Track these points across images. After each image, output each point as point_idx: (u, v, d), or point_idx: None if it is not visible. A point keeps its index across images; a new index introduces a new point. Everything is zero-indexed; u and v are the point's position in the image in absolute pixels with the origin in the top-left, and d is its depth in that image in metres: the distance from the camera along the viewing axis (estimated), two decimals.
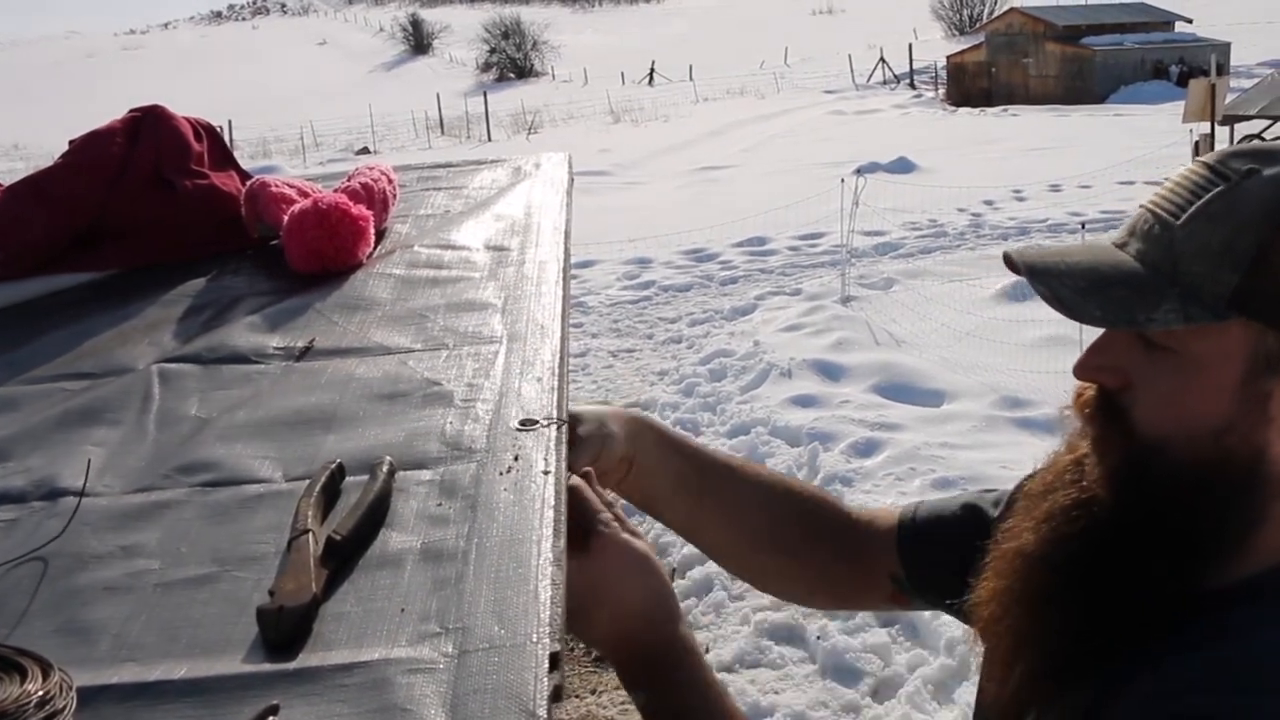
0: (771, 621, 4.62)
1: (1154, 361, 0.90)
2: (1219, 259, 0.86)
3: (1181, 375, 0.89)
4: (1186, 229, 0.88)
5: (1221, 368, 0.88)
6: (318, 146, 40.08)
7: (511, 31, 75.21)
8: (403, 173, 2.84)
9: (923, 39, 60.15)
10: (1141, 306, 0.87)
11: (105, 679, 1.06)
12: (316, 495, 1.31)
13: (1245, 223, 0.86)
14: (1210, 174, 0.90)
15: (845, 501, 1.38)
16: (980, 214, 14.66)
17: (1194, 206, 0.89)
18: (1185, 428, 0.89)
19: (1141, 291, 0.88)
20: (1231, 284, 0.86)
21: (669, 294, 11.55)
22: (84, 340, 1.94)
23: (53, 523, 1.34)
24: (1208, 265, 0.87)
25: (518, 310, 1.94)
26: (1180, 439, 0.89)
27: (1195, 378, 0.88)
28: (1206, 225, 0.88)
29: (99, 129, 2.57)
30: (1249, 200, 0.87)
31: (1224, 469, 0.88)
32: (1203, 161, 0.92)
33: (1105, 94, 38.52)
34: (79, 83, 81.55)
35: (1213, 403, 0.88)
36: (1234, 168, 0.89)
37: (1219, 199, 0.88)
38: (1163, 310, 0.86)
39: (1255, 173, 0.88)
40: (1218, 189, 0.88)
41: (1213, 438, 0.88)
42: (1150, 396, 0.91)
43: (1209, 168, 0.91)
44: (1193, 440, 0.89)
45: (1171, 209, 0.90)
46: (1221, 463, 0.88)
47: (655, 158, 25.60)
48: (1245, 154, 0.90)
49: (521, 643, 1.03)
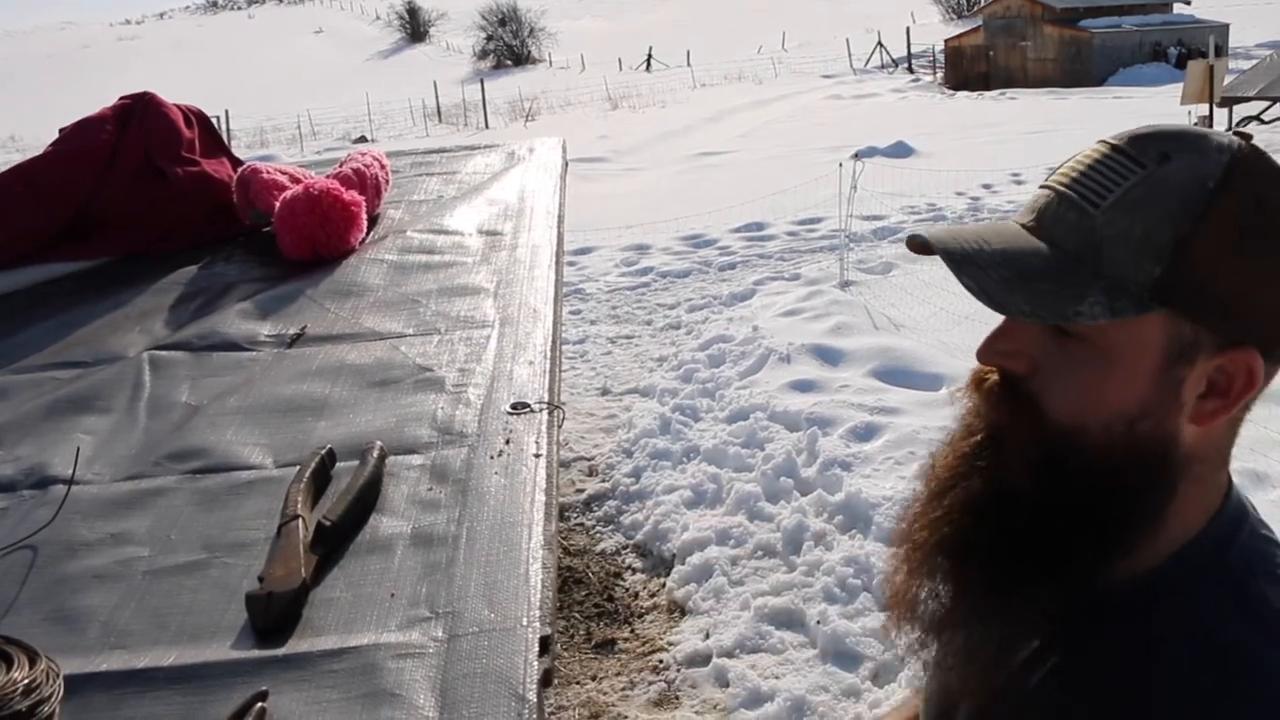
0: (772, 606, 4.61)
1: (1064, 348, 0.89)
2: (1140, 249, 0.85)
3: (1098, 364, 0.88)
4: (1107, 217, 0.86)
5: (1139, 357, 0.88)
6: (315, 135, 39.98)
7: (508, 18, 74.96)
8: (396, 158, 2.83)
9: (920, 23, 59.98)
10: (1067, 300, 0.85)
11: (94, 666, 1.05)
12: (307, 481, 1.30)
13: (1165, 213, 0.85)
14: (1123, 158, 0.88)
15: None
16: (979, 197, 14.60)
17: (1114, 194, 0.87)
18: (1100, 415, 0.89)
19: (1064, 284, 0.86)
20: (1154, 275, 0.85)
21: (667, 280, 11.51)
22: (75, 329, 1.94)
23: (42, 511, 1.33)
24: (1130, 255, 0.86)
25: (510, 294, 1.93)
26: (1096, 427, 0.89)
27: (1112, 367, 0.88)
28: (1127, 214, 0.86)
29: (89, 117, 2.56)
30: (1167, 189, 0.86)
31: (1138, 455, 0.89)
32: (1110, 143, 0.90)
33: (1104, 76, 38.39)
34: (75, 74, 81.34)
35: (1129, 391, 0.88)
36: (1147, 152, 0.88)
37: (1139, 186, 0.86)
38: (1088, 303, 0.85)
39: (1167, 159, 0.87)
40: (1136, 176, 0.86)
41: (1127, 424, 0.89)
42: (1063, 384, 0.90)
43: (1120, 151, 0.89)
44: (1108, 427, 0.89)
45: (1086, 194, 0.88)
46: (1136, 449, 0.89)
47: (653, 144, 25.52)
48: (1154, 136, 0.89)
49: (511, 626, 1.03)
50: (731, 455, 6.17)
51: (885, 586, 1.04)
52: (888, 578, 1.04)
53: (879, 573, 4.66)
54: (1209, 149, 0.88)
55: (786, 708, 3.94)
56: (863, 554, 4.81)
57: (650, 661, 4.44)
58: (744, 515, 5.44)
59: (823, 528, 5.18)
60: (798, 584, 4.71)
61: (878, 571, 4.67)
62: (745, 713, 3.94)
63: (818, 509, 5.33)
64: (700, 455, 6.26)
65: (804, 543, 5.07)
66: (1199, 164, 0.87)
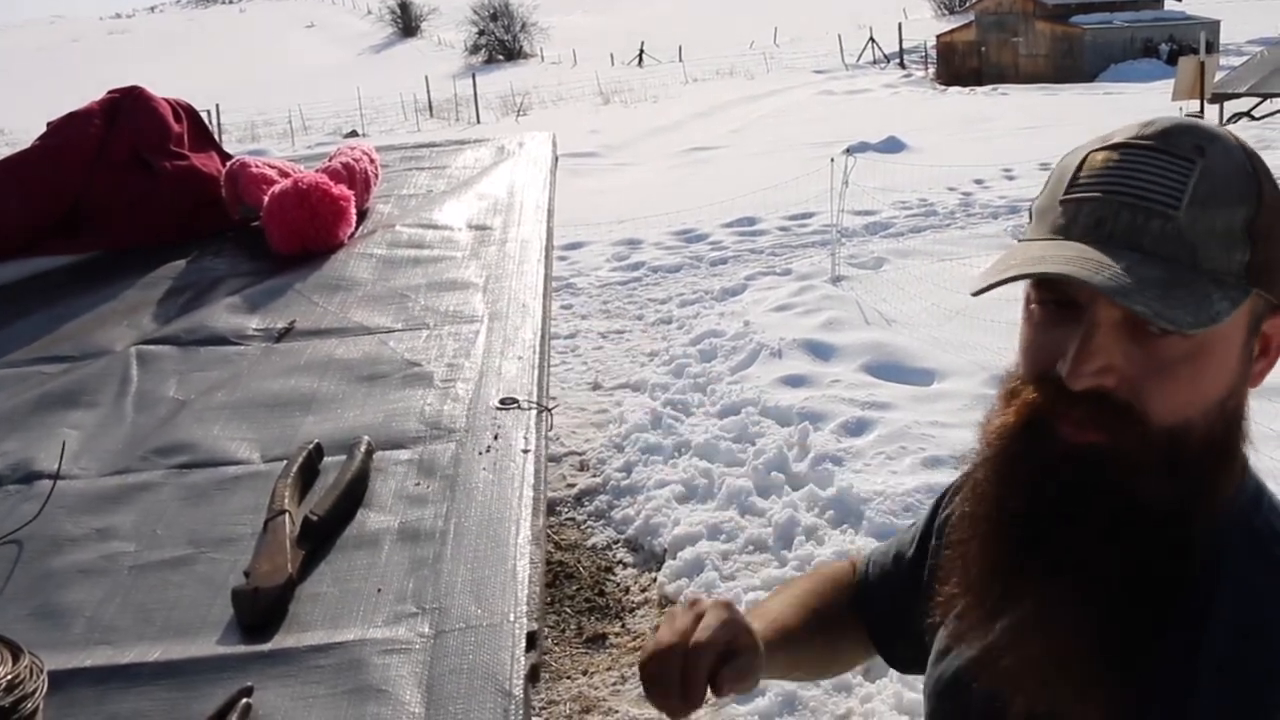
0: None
1: (1152, 352, 0.90)
2: (1227, 240, 0.89)
3: (1196, 359, 0.89)
4: (1189, 216, 0.88)
5: (1232, 342, 0.91)
6: (306, 130, 39.91)
7: (500, 13, 74.84)
8: (385, 153, 2.82)
9: (912, 18, 60.01)
10: (1203, 304, 0.86)
11: (78, 662, 1.05)
12: (294, 476, 1.30)
13: (1232, 201, 0.89)
14: (1167, 157, 0.90)
15: None
16: (970, 193, 14.62)
17: (1185, 194, 0.89)
18: (1202, 406, 0.91)
19: (1190, 288, 0.87)
20: (1244, 261, 0.89)
21: (659, 275, 11.52)
22: (62, 323, 1.93)
23: (28, 506, 1.33)
24: (1221, 249, 0.88)
25: (499, 289, 1.93)
26: (1198, 418, 0.91)
27: (1209, 358, 0.90)
28: (1203, 210, 0.88)
29: (76, 110, 2.55)
30: (1221, 179, 0.89)
31: (1230, 430, 0.94)
32: (1139, 145, 0.92)
33: (1095, 73, 38.45)
34: (64, 67, 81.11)
35: (1225, 376, 0.92)
36: (1183, 147, 0.91)
37: (1201, 182, 0.89)
38: (1215, 300, 0.87)
39: (1202, 152, 0.90)
40: (1193, 172, 0.89)
41: (1221, 406, 0.92)
42: (1163, 387, 0.90)
43: (1158, 150, 0.91)
44: (1208, 415, 0.91)
45: (1158, 198, 0.89)
46: (1229, 425, 0.94)
47: (645, 139, 25.52)
48: (1178, 131, 0.92)
49: (499, 622, 1.02)
50: (723, 450, 6.17)
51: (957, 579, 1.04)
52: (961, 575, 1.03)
53: None
54: (1218, 136, 0.93)
55: (778, 703, 3.94)
56: (854, 549, 4.82)
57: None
58: (735, 510, 5.45)
59: (814, 522, 5.18)
60: (789, 579, 4.72)
61: None
62: (737, 707, 3.95)
63: (809, 504, 5.34)
64: (691, 450, 6.27)
65: (795, 537, 5.08)
66: (1227, 151, 0.92)
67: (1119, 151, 0.92)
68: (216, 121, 30.49)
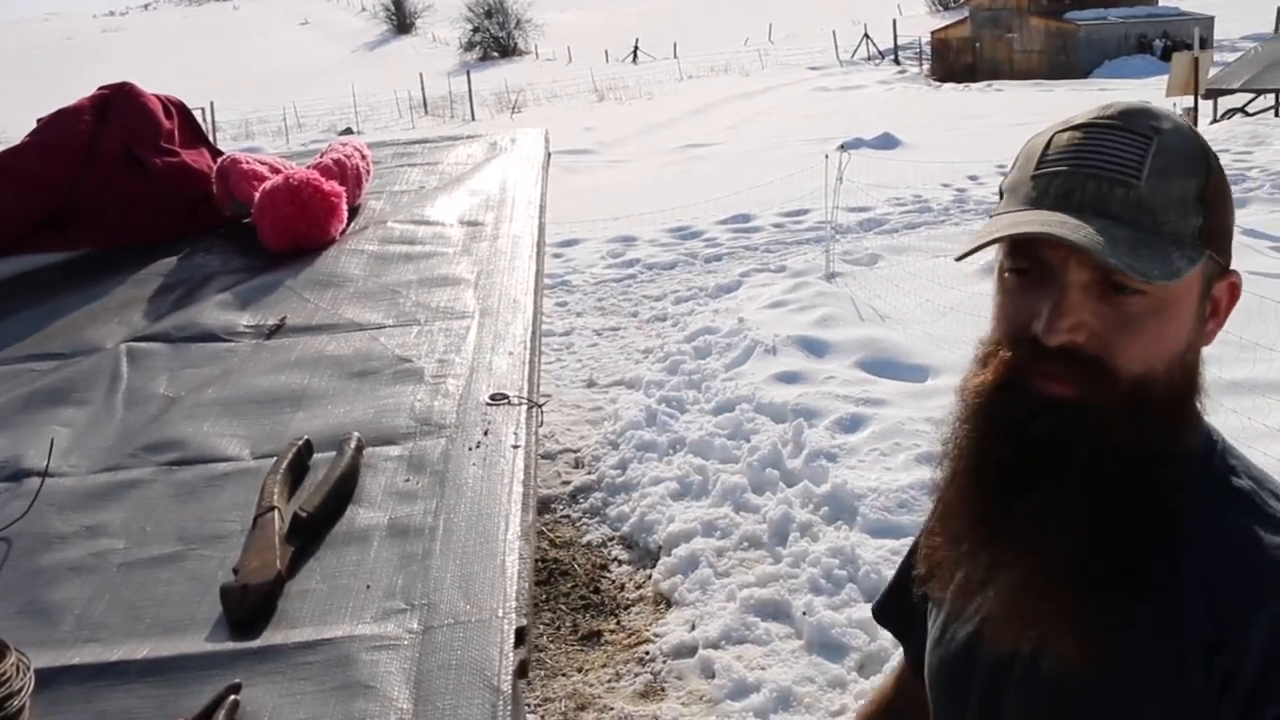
0: (758, 598, 4.62)
1: (1120, 308, 0.98)
2: (1182, 207, 0.99)
3: (1159, 314, 0.98)
4: (1150, 185, 0.98)
5: (1188, 299, 1.00)
6: (300, 127, 39.85)
7: (495, 10, 74.71)
8: (378, 149, 2.82)
9: (907, 14, 59.97)
10: (1167, 261, 0.96)
11: (66, 660, 1.05)
12: (283, 472, 1.29)
13: (1187, 172, 1.00)
14: (1128, 134, 1.00)
15: None
16: (965, 189, 14.63)
17: (1145, 166, 0.98)
18: (1164, 357, 1.00)
19: (1154, 247, 0.96)
20: (1198, 225, 1.00)
21: (654, 272, 11.51)
22: (53, 320, 1.92)
23: (17, 504, 1.32)
24: (1178, 214, 0.98)
25: (490, 285, 1.93)
26: (1160, 368, 1.00)
27: (1170, 313, 0.99)
28: (1162, 180, 0.98)
29: (66, 107, 2.54)
30: (1177, 153, 1.00)
31: (1190, 380, 1.04)
32: (1099, 124, 1.02)
33: (1089, 68, 38.49)
34: (58, 65, 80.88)
35: (1182, 330, 1.01)
36: (1141, 125, 1.01)
37: (1158, 156, 0.99)
38: (1175, 258, 0.96)
39: (1157, 129, 1.01)
40: (1151, 146, 0.99)
41: (1180, 359, 1.01)
42: (1128, 340, 0.98)
43: (1118, 129, 1.01)
44: (1169, 366, 1.00)
45: (1120, 169, 0.98)
46: (1188, 375, 1.03)
47: (639, 136, 25.51)
48: (1134, 113, 1.02)
49: (487, 618, 1.02)
50: (717, 447, 6.17)
51: (932, 552, 1.11)
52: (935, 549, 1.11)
53: (865, 564, 4.67)
54: (1169, 116, 1.04)
55: (773, 699, 3.94)
56: (848, 545, 4.81)
57: (636, 653, 4.44)
58: (730, 507, 5.45)
59: (808, 519, 5.18)
60: (784, 575, 4.72)
61: (863, 563, 4.67)
62: (731, 703, 3.95)
63: (803, 500, 5.34)
64: (686, 447, 6.27)
65: (790, 534, 5.08)
66: (1178, 129, 1.03)
67: (1082, 131, 1.02)
68: (211, 119, 30.43)
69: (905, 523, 4.96)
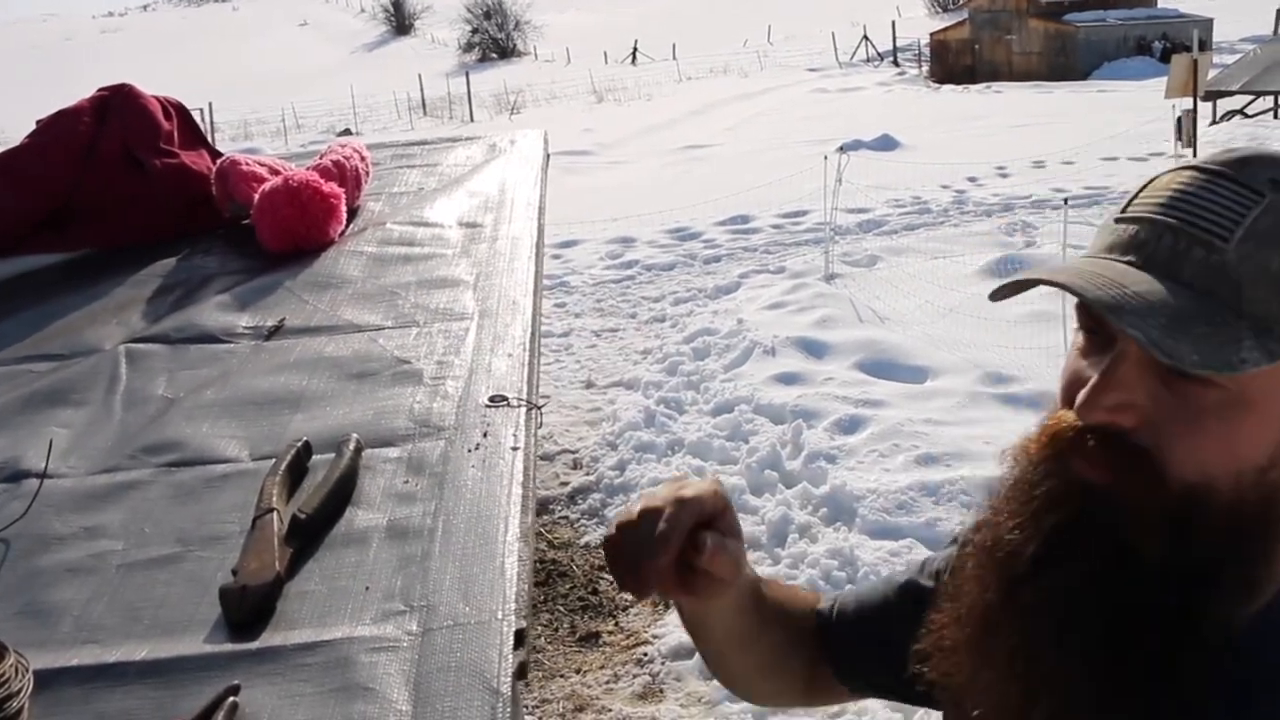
0: None
1: (1182, 396, 0.81)
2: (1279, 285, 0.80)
3: (1230, 412, 0.80)
4: (1240, 251, 0.80)
5: (1274, 401, 0.81)
6: (299, 128, 39.87)
7: (494, 11, 74.74)
8: (376, 150, 2.82)
9: (906, 16, 59.99)
10: (1228, 346, 0.78)
11: (65, 661, 1.05)
12: (282, 474, 1.29)
13: None
14: (1235, 186, 0.82)
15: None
16: (964, 190, 14.64)
17: (1241, 226, 0.80)
18: (1231, 467, 0.81)
19: (1218, 327, 0.78)
20: None
21: (652, 273, 11.53)
22: (52, 321, 1.92)
23: (15, 505, 1.32)
24: (1270, 292, 0.80)
25: (490, 286, 1.93)
26: (1226, 480, 0.81)
27: (1247, 414, 0.81)
28: (1259, 247, 0.80)
29: (66, 108, 2.54)
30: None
31: (1270, 504, 0.83)
32: (1208, 170, 0.84)
33: (1088, 70, 38.52)
34: (57, 66, 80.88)
35: (1263, 438, 0.82)
36: (1258, 179, 0.82)
37: (1264, 216, 0.80)
38: (1245, 348, 0.78)
39: (1278, 185, 0.82)
40: (1258, 205, 0.81)
41: (1259, 474, 0.82)
42: (1187, 436, 0.81)
43: (1226, 178, 0.83)
44: (1239, 479, 0.81)
45: (1207, 227, 0.81)
46: (1267, 498, 0.82)
47: (638, 137, 25.53)
48: (1258, 161, 0.84)
49: (487, 620, 1.02)
50: (716, 448, 6.18)
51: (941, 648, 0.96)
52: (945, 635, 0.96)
53: (864, 565, 4.67)
54: None
55: None
56: (847, 546, 4.82)
57: (634, 655, 4.44)
58: None
59: (807, 520, 5.19)
60: (782, 576, 4.72)
61: (862, 564, 4.68)
62: (729, 705, 3.95)
63: (802, 501, 5.35)
64: (685, 448, 6.27)
65: (788, 535, 5.09)
66: None
67: (1189, 174, 0.85)
68: (210, 120, 30.42)
69: (904, 524, 4.96)
